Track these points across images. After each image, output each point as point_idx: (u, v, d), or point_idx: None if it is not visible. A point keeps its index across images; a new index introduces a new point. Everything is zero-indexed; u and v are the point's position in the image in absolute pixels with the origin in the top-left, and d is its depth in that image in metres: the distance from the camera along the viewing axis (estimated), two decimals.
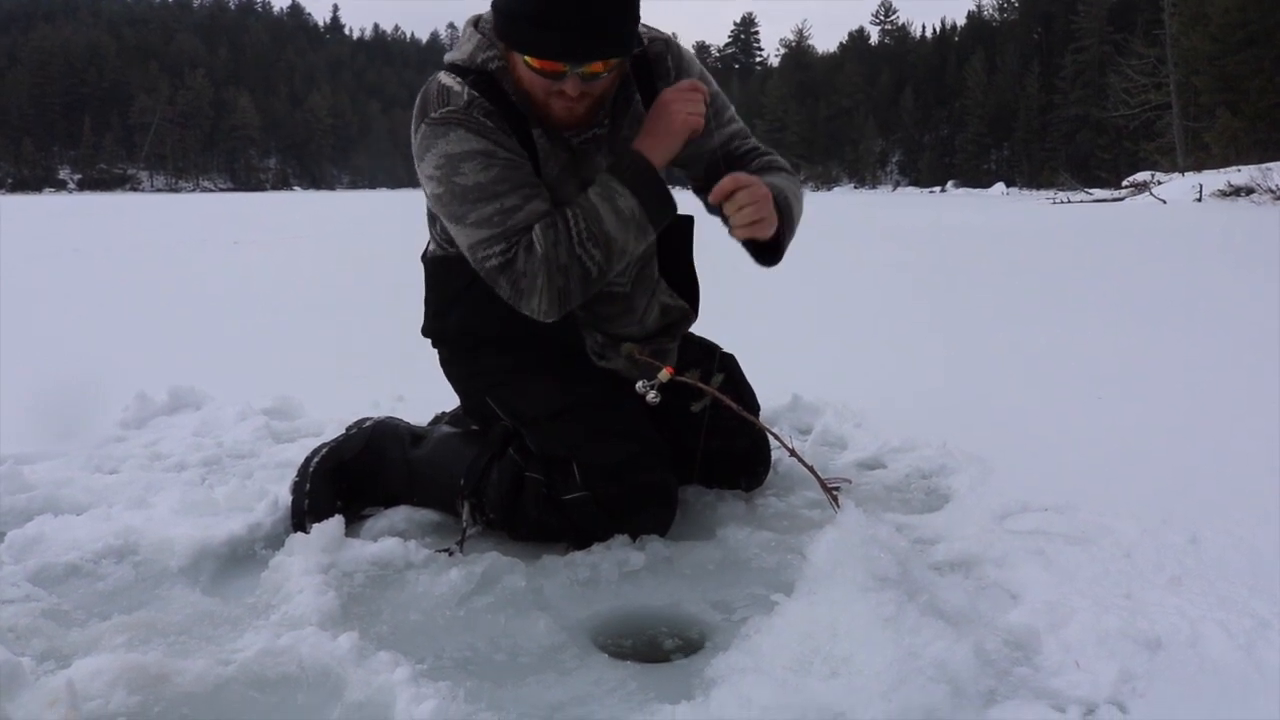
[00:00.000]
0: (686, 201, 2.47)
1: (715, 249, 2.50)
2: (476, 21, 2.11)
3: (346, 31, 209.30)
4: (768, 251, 2.21)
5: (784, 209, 2.14)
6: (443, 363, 2.41)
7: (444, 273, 2.30)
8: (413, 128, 2.09)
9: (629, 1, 1.93)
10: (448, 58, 2.11)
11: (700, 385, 2.15)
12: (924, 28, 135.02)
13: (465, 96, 2.02)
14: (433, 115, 2.03)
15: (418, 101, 2.10)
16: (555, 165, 2.11)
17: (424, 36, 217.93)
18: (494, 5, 1.97)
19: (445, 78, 2.07)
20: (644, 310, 2.35)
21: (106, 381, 3.75)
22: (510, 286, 2.04)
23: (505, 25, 1.93)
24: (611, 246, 2.03)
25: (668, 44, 2.21)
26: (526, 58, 1.92)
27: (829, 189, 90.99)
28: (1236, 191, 22.26)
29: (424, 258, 2.37)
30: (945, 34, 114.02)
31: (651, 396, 2.10)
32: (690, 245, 2.49)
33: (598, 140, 2.13)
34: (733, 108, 2.35)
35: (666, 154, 2.05)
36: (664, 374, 2.10)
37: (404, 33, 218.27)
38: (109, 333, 5.70)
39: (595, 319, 2.29)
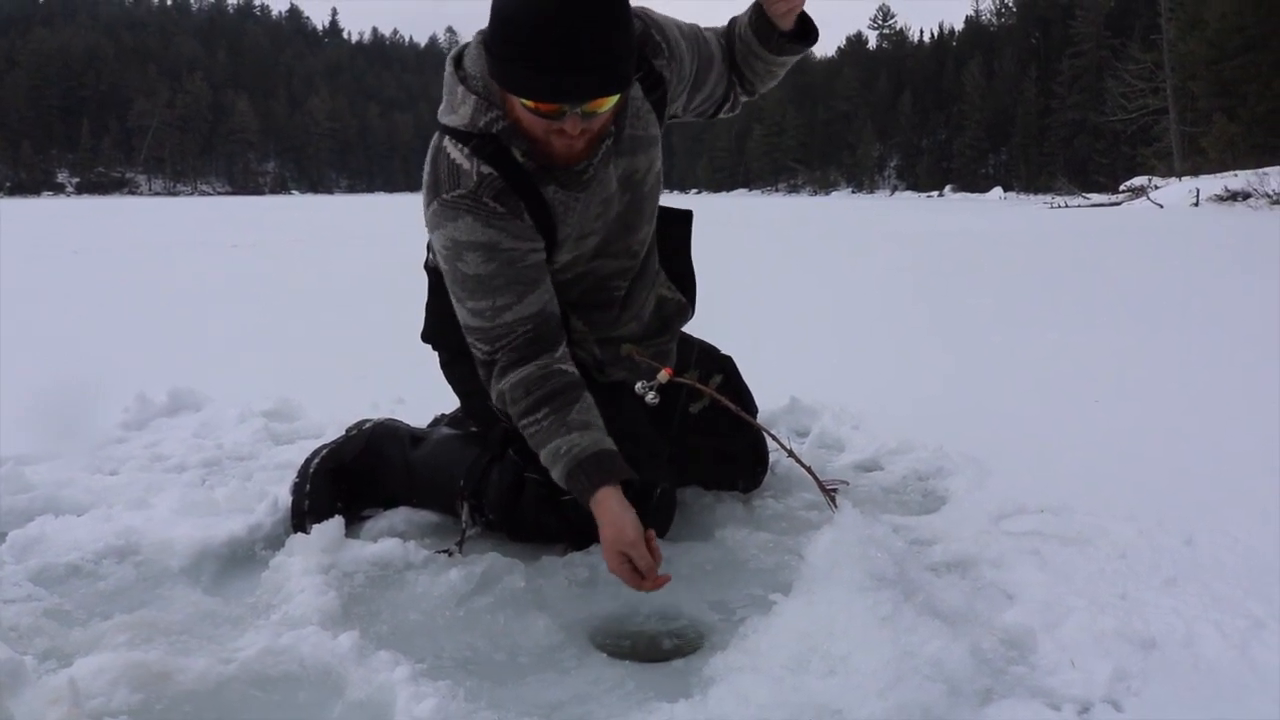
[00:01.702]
0: (684, 200, 2.48)
1: (714, 252, 2.51)
2: (458, 65, 2.05)
3: (345, 35, 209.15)
4: (803, 33, 2.25)
5: None
6: (443, 365, 2.42)
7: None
8: (424, 199, 2.08)
9: (624, 38, 1.88)
10: (445, 120, 2.06)
11: (699, 386, 2.15)
12: (922, 32, 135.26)
13: (475, 177, 1.99)
14: (445, 196, 2.01)
15: (428, 171, 2.08)
16: (574, 212, 2.09)
17: (422, 40, 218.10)
18: (486, 48, 1.92)
19: (453, 151, 2.03)
20: (641, 305, 2.36)
21: (107, 383, 3.75)
22: (482, 377, 2.13)
23: (499, 69, 1.88)
24: (538, 453, 2.07)
25: (643, 19, 2.15)
26: (523, 100, 1.88)
27: (827, 193, 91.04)
28: (1233, 196, 22.28)
29: (426, 266, 2.38)
30: (943, 38, 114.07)
31: (650, 398, 2.11)
32: (689, 241, 2.50)
33: (608, 152, 2.10)
34: (695, 24, 2.34)
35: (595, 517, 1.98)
36: (663, 375, 2.11)
37: (403, 36, 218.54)
38: (109, 335, 5.70)
39: (593, 327, 2.29)
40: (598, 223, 2.14)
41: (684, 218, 2.47)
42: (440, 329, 2.35)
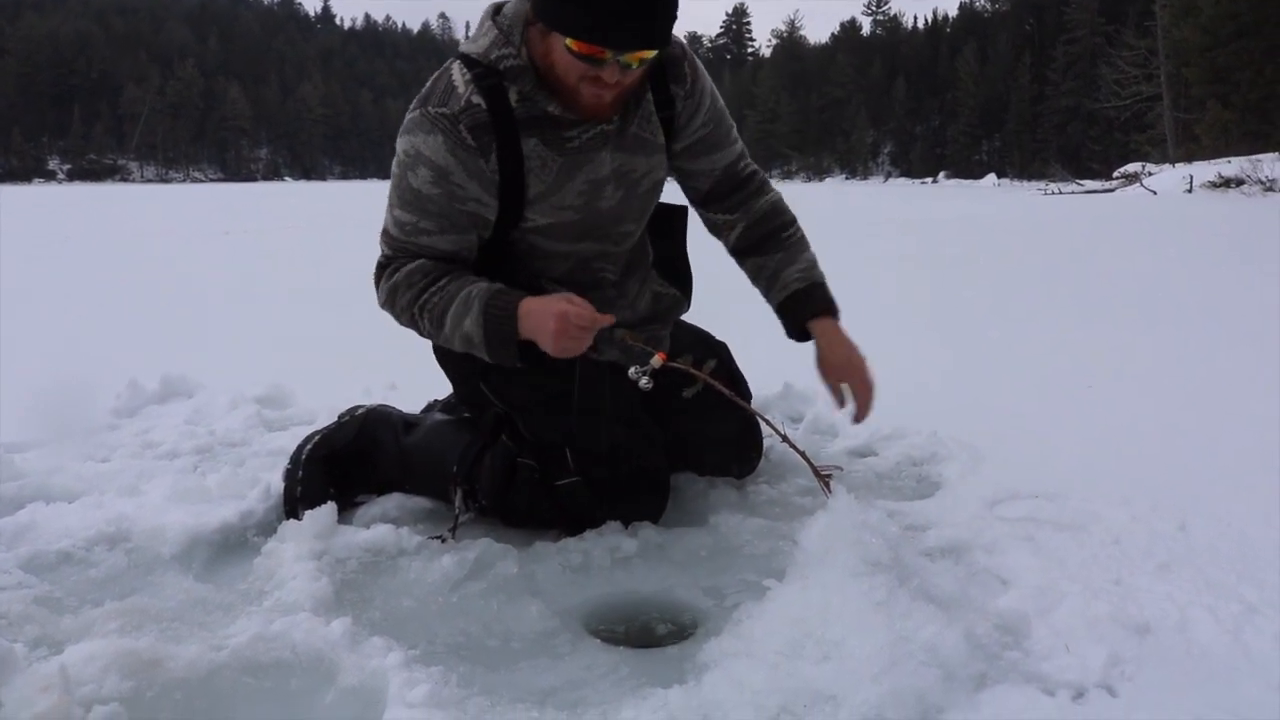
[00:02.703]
0: (678, 194, 2.47)
1: (707, 240, 2.50)
2: (496, 11, 2.08)
3: (337, 21, 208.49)
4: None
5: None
6: (436, 350, 2.41)
7: None
8: (412, 104, 2.11)
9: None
10: (463, 48, 2.10)
11: (693, 371, 2.15)
12: (916, 18, 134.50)
13: (463, 102, 2.02)
14: (429, 109, 2.04)
15: (429, 81, 2.11)
16: (549, 172, 2.10)
17: (415, 26, 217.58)
18: None
19: (456, 72, 2.06)
20: (635, 295, 2.36)
21: (98, 370, 3.74)
22: (375, 279, 2.17)
23: (549, 6, 1.91)
24: (439, 336, 2.13)
25: (683, 48, 2.21)
26: (569, 40, 1.90)
27: (820, 180, 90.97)
28: (1226, 183, 22.25)
29: None
30: (937, 25, 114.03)
31: (644, 383, 2.10)
32: (684, 235, 2.50)
33: (605, 135, 2.12)
34: (735, 126, 2.39)
35: (527, 334, 2.01)
36: (656, 360, 2.10)
37: (395, 23, 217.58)
38: (101, 322, 5.68)
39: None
40: (580, 200, 2.14)
41: (679, 213, 2.47)
42: None
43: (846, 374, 2.28)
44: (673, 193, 2.46)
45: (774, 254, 2.36)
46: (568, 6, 1.87)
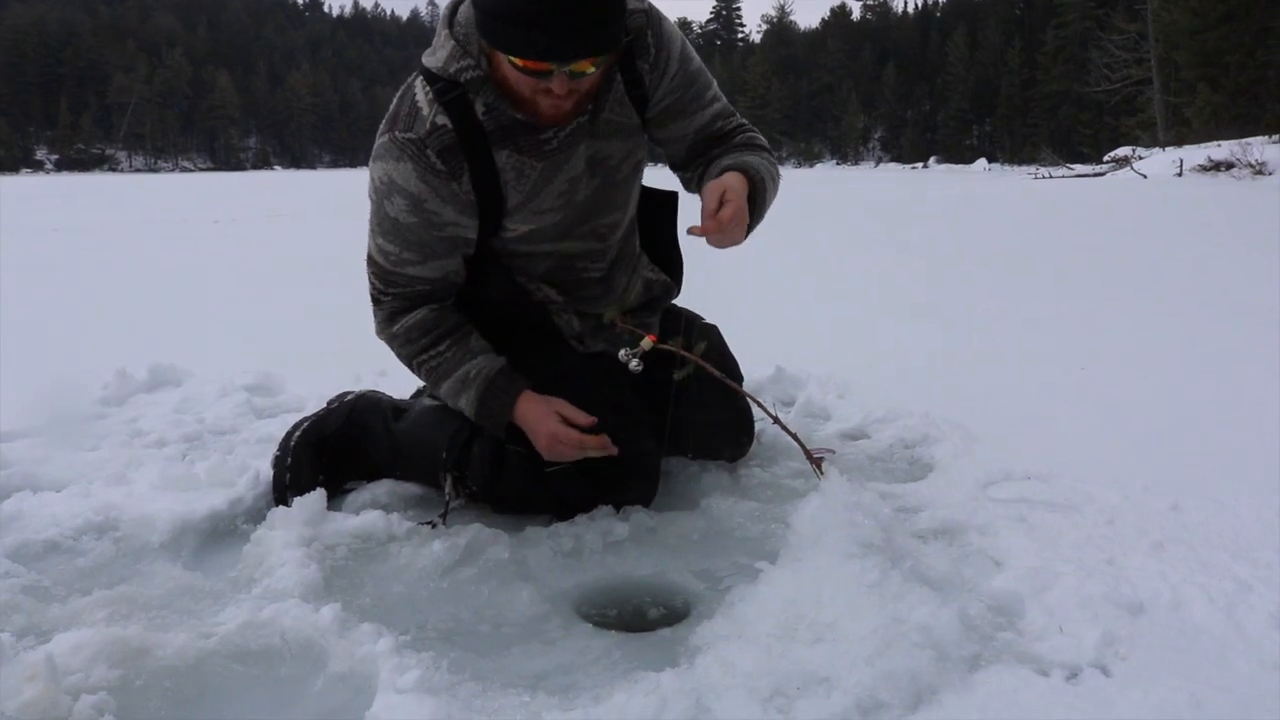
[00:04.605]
0: (670, 175, 2.45)
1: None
2: (450, 20, 2.03)
3: (326, 9, 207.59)
4: None
5: (757, 191, 2.10)
6: None
7: None
8: (381, 126, 2.08)
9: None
10: (424, 60, 2.06)
11: (683, 352, 2.13)
12: (906, 3, 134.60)
13: (428, 125, 1.99)
14: (396, 134, 2.01)
15: (393, 104, 2.08)
16: (528, 180, 2.07)
17: (404, 14, 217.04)
18: (474, 3, 1.90)
19: (419, 91, 2.02)
20: (625, 288, 2.34)
21: (87, 359, 3.71)
22: (372, 309, 2.22)
23: (488, 24, 1.86)
24: (434, 389, 2.21)
25: (648, 16, 2.12)
26: (511, 57, 1.86)
27: (811, 165, 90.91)
28: (1216, 166, 22.23)
29: None
30: (927, 9, 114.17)
31: (634, 365, 2.08)
32: (674, 221, 2.47)
33: (579, 130, 2.08)
34: (715, 85, 2.29)
35: (520, 425, 2.13)
36: (647, 342, 2.08)
37: (384, 10, 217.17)
38: (89, 311, 5.65)
39: (574, 300, 2.27)
40: (559, 200, 2.12)
41: (668, 200, 2.44)
42: None
43: (723, 190, 2.00)
44: (666, 178, 2.44)
45: (724, 155, 2.20)
46: (503, 24, 1.81)
